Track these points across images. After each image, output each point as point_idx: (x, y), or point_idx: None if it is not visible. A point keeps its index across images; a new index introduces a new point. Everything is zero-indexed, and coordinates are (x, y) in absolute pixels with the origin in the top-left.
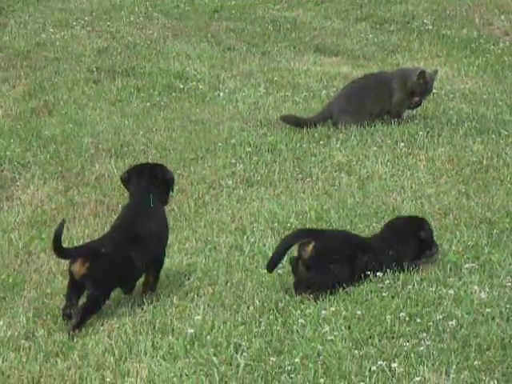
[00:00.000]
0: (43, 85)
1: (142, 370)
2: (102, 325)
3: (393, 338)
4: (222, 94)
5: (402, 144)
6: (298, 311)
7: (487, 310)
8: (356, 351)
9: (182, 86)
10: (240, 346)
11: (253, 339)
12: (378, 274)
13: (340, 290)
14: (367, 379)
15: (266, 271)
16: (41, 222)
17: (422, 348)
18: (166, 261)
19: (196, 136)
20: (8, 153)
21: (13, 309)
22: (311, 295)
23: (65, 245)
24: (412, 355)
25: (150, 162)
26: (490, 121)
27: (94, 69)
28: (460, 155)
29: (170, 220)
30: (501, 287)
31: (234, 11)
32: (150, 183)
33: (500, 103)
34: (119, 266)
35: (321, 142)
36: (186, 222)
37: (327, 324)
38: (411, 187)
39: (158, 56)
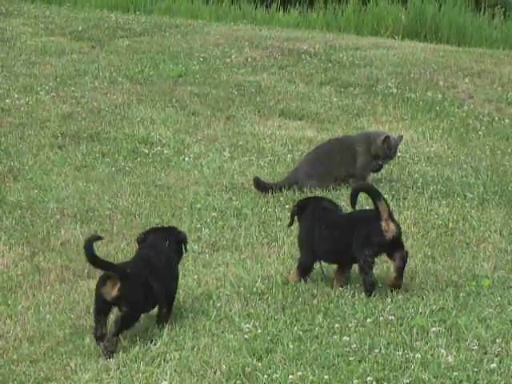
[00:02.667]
0: (8, 150)
1: None
2: None
3: None
4: (186, 159)
5: (368, 207)
6: (265, 376)
7: (454, 373)
8: None
9: (146, 151)
10: None
11: None
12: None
13: (307, 354)
14: None
15: (231, 336)
16: (6, 288)
17: None
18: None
19: (161, 201)
20: None
21: None
22: None
23: (31, 312)
24: None
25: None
26: (455, 184)
27: (59, 134)
28: (426, 218)
29: None
30: (468, 350)
31: (198, 76)
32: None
33: (465, 166)
34: (145, 288)
35: (286, 206)
36: None
37: None
38: None
39: (123, 121)
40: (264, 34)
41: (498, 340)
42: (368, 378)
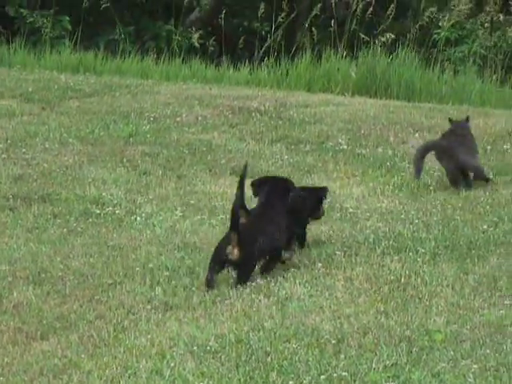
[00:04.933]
0: None
1: None
2: None
3: None
4: (138, 219)
5: (320, 264)
6: None
7: None
8: None
9: (98, 212)
10: None
11: None
12: None
13: None
14: None
15: None
16: None
17: None
18: None
19: (114, 261)
20: None
21: None
22: None
23: None
24: None
25: None
26: (406, 239)
27: (10, 196)
28: (378, 274)
29: (88, 346)
30: None
31: (148, 135)
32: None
33: (416, 221)
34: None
35: None
36: (106, 348)
37: None
38: (330, 307)
39: (74, 182)
40: (214, 93)
41: None
42: None
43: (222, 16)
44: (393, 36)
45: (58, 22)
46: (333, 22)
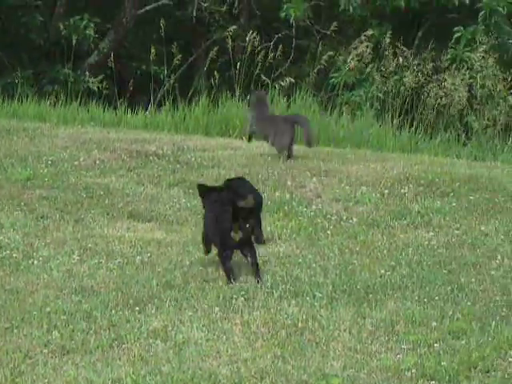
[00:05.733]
0: None
1: None
2: None
3: None
4: (36, 262)
5: (217, 308)
6: None
7: None
8: None
9: None
10: None
11: None
12: None
13: None
14: None
15: None
16: None
17: None
18: None
19: (10, 305)
20: None
21: None
22: None
23: None
24: None
25: None
26: (304, 283)
27: None
28: (275, 318)
29: None
30: None
31: (46, 179)
32: None
33: (314, 265)
34: None
35: (136, 308)
36: None
37: None
38: (227, 351)
39: None
40: (112, 137)
41: None
42: None
43: (114, 60)
44: (292, 80)
45: None
46: (231, 65)
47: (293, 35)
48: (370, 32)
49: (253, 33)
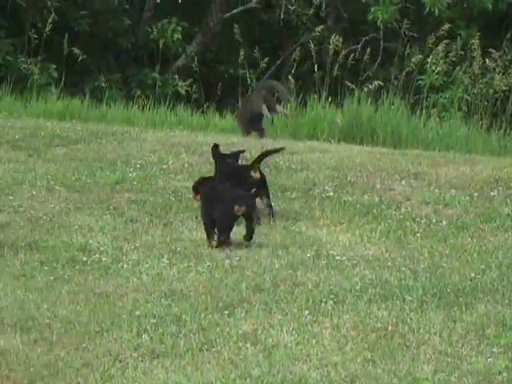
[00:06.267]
0: None
1: None
2: None
3: None
4: (125, 266)
5: (307, 312)
6: None
7: None
8: None
9: (85, 259)
10: None
11: None
12: None
13: None
14: None
15: None
16: None
17: None
18: None
19: (100, 309)
20: None
21: None
22: None
23: None
24: None
25: None
26: (393, 286)
27: None
28: (365, 322)
29: None
30: None
31: (135, 182)
32: None
33: (403, 268)
34: None
35: (225, 312)
36: None
37: None
38: (317, 355)
39: (61, 229)
40: (200, 140)
41: None
42: None
43: (201, 63)
44: (380, 83)
45: (45, 70)
46: (316, 68)
47: (380, 38)
48: (457, 34)
49: (340, 35)
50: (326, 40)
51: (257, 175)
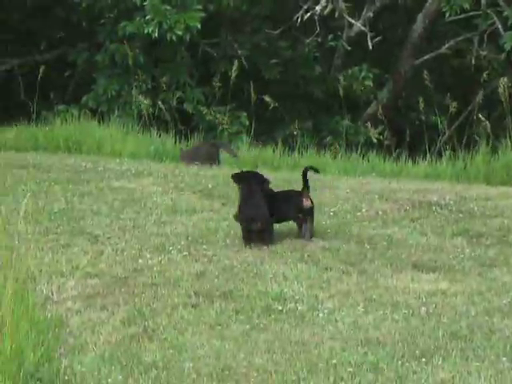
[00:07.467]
0: (142, 311)
1: None
2: None
3: None
4: (320, 315)
5: (505, 358)
6: None
7: None
8: None
9: (280, 308)
10: None
11: None
12: None
13: None
14: None
15: None
16: None
17: None
18: None
19: (297, 357)
20: (110, 380)
21: None
22: None
23: None
24: None
25: None
26: None
27: (192, 293)
28: None
29: None
30: None
31: (329, 230)
32: None
33: None
34: None
35: (422, 360)
36: None
37: None
38: None
39: (256, 278)
40: (393, 187)
41: None
42: None
43: (392, 109)
44: None
45: (236, 118)
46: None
47: None
48: None
49: None
50: None
51: (307, 203)
